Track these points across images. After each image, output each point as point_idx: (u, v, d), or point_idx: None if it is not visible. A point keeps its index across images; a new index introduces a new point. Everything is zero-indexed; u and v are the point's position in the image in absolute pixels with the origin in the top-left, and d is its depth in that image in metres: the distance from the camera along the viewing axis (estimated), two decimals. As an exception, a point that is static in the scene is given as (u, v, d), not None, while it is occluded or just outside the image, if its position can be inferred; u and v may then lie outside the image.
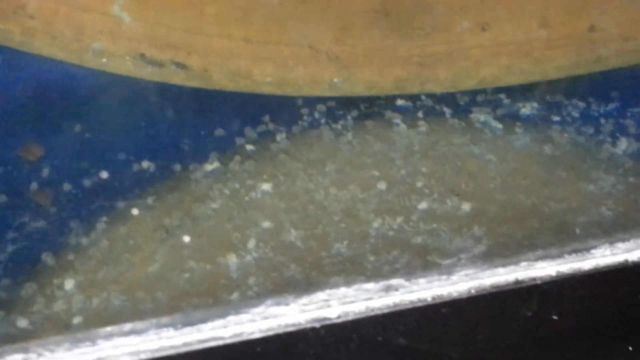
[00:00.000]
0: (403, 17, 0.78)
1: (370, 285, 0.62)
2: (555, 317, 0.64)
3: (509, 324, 0.64)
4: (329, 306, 0.61)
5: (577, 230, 0.68)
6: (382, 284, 0.62)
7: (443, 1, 0.79)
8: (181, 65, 0.76)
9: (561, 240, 0.66)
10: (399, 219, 0.70)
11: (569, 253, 0.64)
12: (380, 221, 0.69)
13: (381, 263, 0.66)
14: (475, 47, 0.79)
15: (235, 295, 0.64)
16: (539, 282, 0.63)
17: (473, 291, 0.62)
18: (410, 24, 0.78)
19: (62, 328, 0.62)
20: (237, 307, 0.59)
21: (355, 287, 0.62)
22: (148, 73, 0.76)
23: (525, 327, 0.64)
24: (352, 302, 0.61)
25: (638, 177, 0.73)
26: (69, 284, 0.65)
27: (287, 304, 0.60)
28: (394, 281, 0.63)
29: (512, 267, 0.63)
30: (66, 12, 0.73)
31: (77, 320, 0.62)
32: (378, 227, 0.69)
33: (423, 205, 0.71)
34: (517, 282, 0.63)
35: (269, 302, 0.60)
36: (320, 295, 0.61)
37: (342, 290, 0.62)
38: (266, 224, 0.69)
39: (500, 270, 0.63)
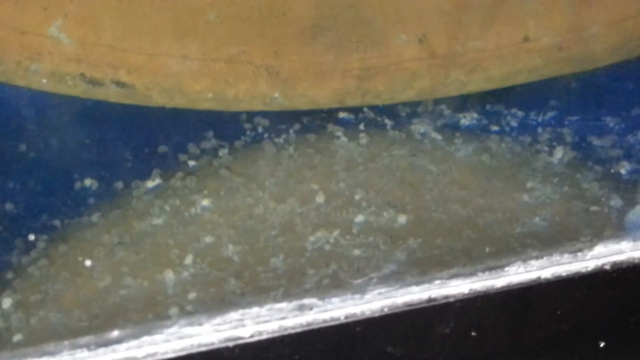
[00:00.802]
0: (341, 31, 0.79)
1: (283, 305, 0.63)
2: (474, 334, 0.64)
3: (426, 341, 0.64)
4: (243, 326, 0.61)
5: (511, 242, 0.68)
6: (296, 303, 0.63)
7: (381, 14, 0.79)
8: (121, 84, 0.76)
9: (494, 252, 0.66)
10: (335, 233, 0.70)
11: (482, 271, 0.64)
12: (317, 235, 0.70)
13: (320, 277, 0.66)
14: (412, 60, 0.80)
15: (172, 311, 0.64)
16: (452, 299, 0.63)
17: (386, 309, 0.63)
18: (348, 37, 0.79)
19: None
20: (151, 327, 0.60)
21: (268, 306, 0.62)
22: (88, 92, 0.76)
23: (444, 344, 0.64)
24: (266, 321, 0.61)
25: (572, 186, 0.74)
26: (6, 302, 0.65)
27: (200, 324, 0.61)
28: (308, 300, 0.63)
29: (425, 285, 0.63)
30: (2, 35, 0.73)
31: (16, 338, 0.63)
32: (315, 241, 0.69)
33: (360, 218, 0.71)
34: (430, 299, 0.63)
35: (182, 322, 0.61)
36: (234, 315, 0.62)
37: (255, 309, 0.62)
38: (205, 239, 0.70)
39: (413, 288, 0.63)
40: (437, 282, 0.63)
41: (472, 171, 0.75)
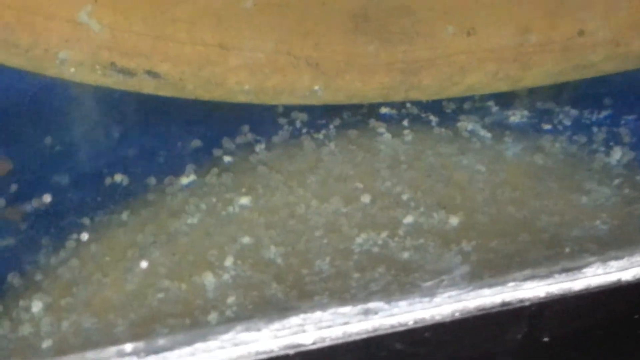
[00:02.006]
0: (384, 22, 0.75)
1: (347, 309, 0.59)
2: (546, 340, 0.62)
3: (497, 347, 0.62)
4: (303, 331, 0.58)
5: (569, 247, 0.65)
6: (360, 307, 0.59)
7: (426, 5, 0.75)
8: (153, 74, 0.73)
9: (551, 257, 0.63)
10: (384, 234, 0.67)
11: (559, 272, 0.61)
12: (364, 236, 0.67)
13: (366, 281, 0.63)
14: (460, 53, 0.76)
15: (212, 317, 0.61)
16: (527, 303, 0.60)
17: (457, 314, 0.60)
18: (392, 28, 0.75)
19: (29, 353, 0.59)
20: (205, 333, 0.56)
21: (331, 311, 0.59)
22: (119, 82, 0.72)
23: (515, 351, 0.62)
24: (328, 327, 0.58)
25: (633, 188, 0.71)
26: (37, 305, 0.63)
27: (258, 330, 0.57)
28: (373, 304, 0.60)
29: (498, 288, 0.60)
30: (29, 21, 0.70)
31: (45, 344, 0.60)
32: (362, 242, 0.67)
33: (409, 219, 0.68)
34: (504, 303, 0.60)
35: (239, 327, 0.57)
36: (294, 320, 0.58)
37: (318, 314, 0.59)
38: (245, 240, 0.67)
39: (485, 290, 0.60)
40: (511, 284, 0.60)
41: (524, 171, 0.73)
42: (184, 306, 0.62)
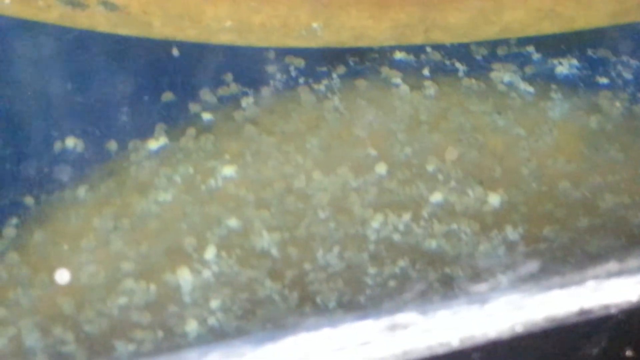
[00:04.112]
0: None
1: (366, 323, 0.51)
2: (629, 354, 0.53)
3: None
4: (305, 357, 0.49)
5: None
6: (385, 320, 0.51)
7: None
8: (111, 6, 0.67)
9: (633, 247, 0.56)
10: (406, 217, 0.60)
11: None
12: (380, 219, 0.60)
13: (384, 279, 0.56)
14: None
15: (191, 327, 0.54)
16: (613, 310, 0.51)
17: (518, 328, 0.50)
18: (412, -49, 0.69)
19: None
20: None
21: (344, 326, 0.51)
22: (66, 16, 0.67)
23: None
24: (339, 349, 0.50)
25: None
26: None
27: (241, 356, 0.48)
28: (402, 316, 0.51)
29: (573, 290, 0.51)
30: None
31: None
32: (378, 227, 0.60)
33: (437, 196, 0.62)
34: (582, 312, 0.51)
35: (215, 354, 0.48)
36: (290, 339, 0.49)
37: (325, 331, 0.51)
38: (230, 224, 0.60)
39: (556, 294, 0.51)
40: (591, 283, 0.51)
41: (578, 137, 0.66)
42: (153, 314, 0.55)
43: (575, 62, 0.72)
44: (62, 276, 0.56)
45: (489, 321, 0.51)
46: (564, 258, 0.56)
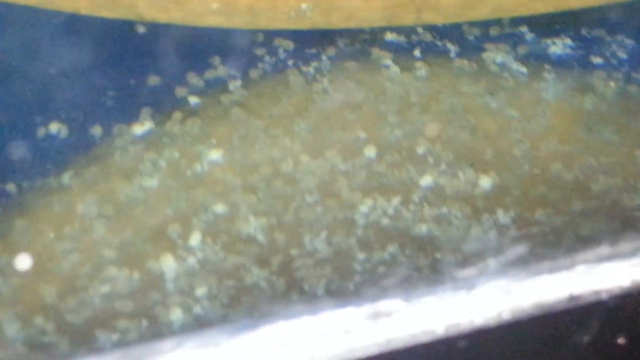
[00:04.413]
0: None
1: (349, 310, 0.50)
2: (622, 341, 0.52)
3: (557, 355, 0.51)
4: (288, 343, 0.48)
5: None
6: (368, 307, 0.50)
7: None
8: None
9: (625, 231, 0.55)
10: (395, 200, 0.60)
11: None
12: (369, 203, 0.60)
13: (373, 265, 0.56)
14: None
15: (175, 315, 0.53)
16: (604, 296, 0.50)
17: (506, 314, 0.49)
18: None
19: None
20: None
21: (323, 314, 0.50)
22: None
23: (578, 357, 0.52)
24: (322, 336, 0.49)
25: None
26: None
27: (216, 345, 0.47)
28: (386, 303, 0.50)
29: (563, 275, 0.50)
30: None
31: None
32: (367, 211, 0.60)
33: (427, 179, 0.61)
34: (572, 297, 0.50)
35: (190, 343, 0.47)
36: (270, 328, 0.48)
37: (307, 319, 0.49)
38: (216, 209, 0.60)
39: (545, 279, 0.50)
40: (581, 267, 0.50)
41: (572, 119, 0.66)
42: (136, 302, 0.54)
43: (569, 42, 0.72)
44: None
45: (475, 308, 0.50)
46: (554, 242, 0.55)
